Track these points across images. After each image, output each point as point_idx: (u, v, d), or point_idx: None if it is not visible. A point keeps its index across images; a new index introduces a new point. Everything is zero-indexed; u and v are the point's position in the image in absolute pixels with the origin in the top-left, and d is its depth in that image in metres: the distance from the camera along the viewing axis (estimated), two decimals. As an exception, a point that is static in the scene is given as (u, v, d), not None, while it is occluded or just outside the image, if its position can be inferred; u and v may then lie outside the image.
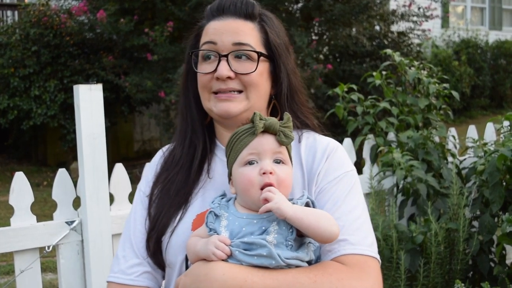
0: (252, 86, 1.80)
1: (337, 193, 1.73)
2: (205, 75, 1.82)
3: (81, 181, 2.93)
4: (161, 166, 1.95)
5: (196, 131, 1.92)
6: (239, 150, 1.62)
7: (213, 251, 1.53)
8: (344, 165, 1.81)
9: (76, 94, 2.89)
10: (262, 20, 1.87)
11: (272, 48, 1.86)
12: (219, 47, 1.80)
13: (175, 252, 1.77)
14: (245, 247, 1.53)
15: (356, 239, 1.66)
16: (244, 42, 1.80)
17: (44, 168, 12.91)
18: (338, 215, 1.68)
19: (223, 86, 1.79)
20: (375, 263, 1.67)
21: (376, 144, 3.99)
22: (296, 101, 1.93)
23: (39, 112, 11.62)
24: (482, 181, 3.47)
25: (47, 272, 6.14)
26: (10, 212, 2.78)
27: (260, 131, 1.60)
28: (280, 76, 1.88)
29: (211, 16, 1.87)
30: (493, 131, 4.13)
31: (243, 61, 1.80)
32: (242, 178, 1.60)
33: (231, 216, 1.60)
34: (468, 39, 17.52)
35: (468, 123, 13.42)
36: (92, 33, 12.03)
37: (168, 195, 1.85)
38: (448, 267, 3.44)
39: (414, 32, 12.64)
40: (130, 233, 1.89)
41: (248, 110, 1.80)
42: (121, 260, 1.87)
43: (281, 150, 1.62)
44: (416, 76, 4.11)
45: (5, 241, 2.71)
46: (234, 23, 1.82)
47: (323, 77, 10.68)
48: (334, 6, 10.92)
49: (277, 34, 1.89)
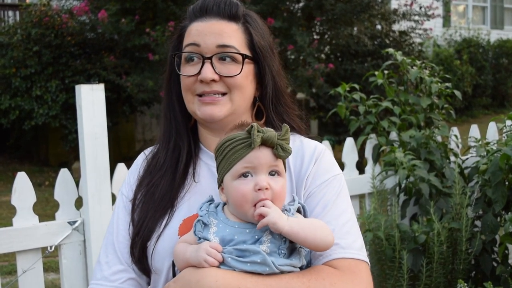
0: (236, 89, 1.77)
1: (326, 197, 1.73)
2: (189, 78, 1.78)
3: (83, 181, 2.93)
4: (144, 170, 1.90)
5: (180, 133, 1.88)
6: (233, 161, 1.55)
7: (204, 258, 1.50)
8: (332, 168, 1.80)
9: (78, 94, 2.89)
10: (246, 21, 1.83)
11: (257, 50, 1.82)
12: (203, 49, 1.76)
13: (162, 257, 1.72)
14: (238, 254, 1.50)
15: (347, 243, 1.66)
16: (228, 44, 1.76)
17: (45, 168, 12.92)
18: (328, 219, 1.68)
19: (207, 89, 1.75)
20: (366, 266, 1.68)
21: (378, 144, 3.98)
22: (281, 103, 1.89)
23: (41, 112, 11.62)
24: (485, 180, 3.46)
25: (49, 272, 6.14)
26: (12, 212, 2.79)
27: (258, 145, 1.53)
28: (265, 78, 1.84)
29: (193, 16, 1.83)
30: (496, 130, 4.12)
31: (227, 64, 1.77)
32: (236, 193, 1.54)
33: (221, 224, 1.56)
34: (469, 38, 17.52)
35: (470, 122, 13.41)
36: (93, 33, 12.04)
37: (152, 200, 1.80)
38: (451, 267, 3.43)
39: (415, 31, 12.64)
40: (113, 238, 1.84)
41: (233, 113, 1.78)
42: (104, 266, 1.81)
43: (277, 163, 1.56)
44: (418, 75, 4.10)
45: (8, 241, 2.71)
46: (217, 24, 1.78)
47: (324, 77, 10.67)
48: (336, 5, 10.92)
49: (262, 35, 1.85)
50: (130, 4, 11.14)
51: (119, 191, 1.95)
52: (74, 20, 11.81)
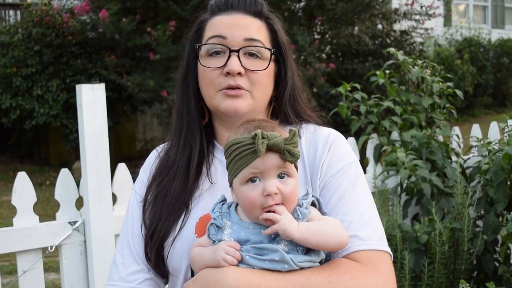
0: (259, 85, 1.75)
1: (342, 187, 1.68)
2: (213, 71, 1.74)
3: (83, 181, 2.92)
4: (156, 168, 1.87)
5: (192, 130, 1.83)
6: (240, 167, 1.51)
7: (223, 257, 1.47)
8: (347, 155, 1.76)
9: (79, 94, 2.89)
10: (269, 19, 1.83)
11: (281, 47, 1.82)
12: (229, 41, 1.73)
13: (180, 257, 1.70)
14: (256, 252, 1.48)
15: (366, 234, 1.62)
16: (256, 38, 1.75)
17: (46, 168, 12.92)
18: (345, 210, 1.64)
19: (232, 82, 1.72)
20: (387, 257, 1.64)
21: (380, 144, 3.98)
22: (298, 101, 1.88)
23: (42, 111, 11.62)
24: (487, 180, 3.45)
25: (49, 272, 6.13)
26: (13, 212, 2.78)
27: (263, 154, 1.48)
28: (287, 75, 1.84)
29: (217, 10, 1.80)
30: (497, 130, 4.11)
31: (254, 59, 1.74)
32: (244, 198, 1.51)
33: (235, 225, 1.53)
34: (470, 38, 17.50)
35: (471, 122, 13.41)
36: (94, 32, 12.03)
37: (165, 202, 1.77)
38: (453, 267, 3.42)
39: (416, 30, 12.63)
40: (129, 238, 1.81)
41: (253, 109, 1.75)
42: (121, 267, 1.79)
43: (286, 165, 1.51)
44: (419, 75, 4.09)
45: (8, 241, 2.70)
46: (244, 18, 1.77)
47: (325, 76, 10.67)
48: (337, 5, 10.91)
49: (284, 33, 1.86)
50: (131, 3, 11.14)
51: (133, 189, 1.91)
52: (75, 20, 11.81)
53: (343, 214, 1.63)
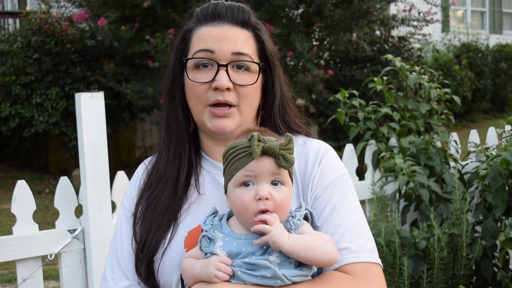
0: (247, 99, 1.74)
1: (334, 199, 1.69)
2: (201, 85, 1.72)
3: (83, 189, 2.93)
4: (145, 182, 1.85)
5: (181, 141, 1.81)
6: (235, 169, 1.52)
7: (214, 274, 1.46)
8: (337, 168, 1.77)
9: (78, 102, 2.90)
10: (257, 29, 1.81)
11: (269, 58, 1.81)
12: (217, 55, 1.71)
13: (170, 272, 1.69)
14: (247, 267, 1.47)
15: (357, 246, 1.63)
16: (244, 52, 1.73)
17: (46, 176, 12.91)
18: (337, 222, 1.65)
19: (221, 98, 1.70)
20: (378, 268, 1.65)
21: (378, 150, 3.99)
22: (287, 111, 1.87)
23: (41, 119, 11.62)
24: (485, 185, 3.46)
25: (49, 280, 6.12)
26: (12, 220, 2.79)
27: (257, 156, 1.49)
28: (274, 86, 1.82)
29: (203, 20, 1.77)
30: (495, 135, 4.12)
31: (242, 73, 1.73)
32: (237, 201, 1.52)
33: (227, 237, 1.53)
34: (468, 43, 17.52)
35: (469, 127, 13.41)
36: (93, 40, 12.04)
37: (154, 214, 1.75)
38: (452, 273, 3.42)
39: (414, 36, 12.64)
40: (118, 254, 1.80)
41: (241, 124, 1.74)
42: (110, 282, 1.78)
43: (280, 172, 1.52)
44: (417, 81, 4.11)
45: (7, 249, 2.71)
46: (231, 30, 1.74)
47: (324, 83, 10.67)
48: (335, 11, 10.93)
49: (271, 43, 1.84)
50: (129, 11, 11.15)
51: (121, 204, 1.90)
52: (74, 28, 11.82)
53: (334, 226, 1.64)
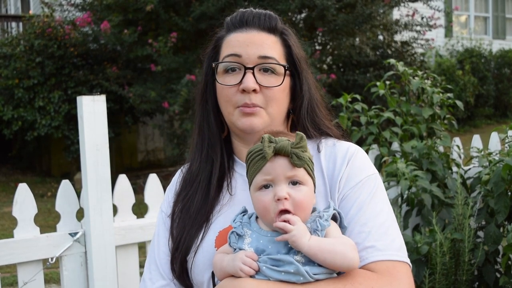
0: (274, 101, 1.78)
1: (361, 198, 1.70)
2: (229, 88, 1.79)
3: (84, 192, 2.92)
4: (181, 184, 1.93)
5: (213, 145, 1.88)
6: (253, 174, 1.57)
7: (240, 267, 1.50)
8: (366, 168, 1.77)
9: (80, 105, 2.90)
10: (284, 34, 1.87)
11: (296, 62, 1.86)
12: (244, 59, 1.78)
13: (201, 270, 1.75)
14: (272, 263, 1.50)
15: (384, 244, 1.62)
16: (270, 56, 1.79)
17: (48, 179, 12.93)
18: (364, 221, 1.65)
19: (248, 101, 1.75)
20: (405, 267, 1.63)
21: (380, 154, 3.98)
22: (317, 114, 1.91)
23: (43, 123, 11.65)
24: (487, 191, 3.45)
25: (50, 284, 6.12)
26: (14, 223, 2.78)
27: (270, 157, 1.53)
28: (303, 89, 1.87)
29: (232, 27, 1.85)
30: (498, 140, 4.11)
31: (268, 75, 1.78)
32: (258, 204, 1.56)
33: (255, 234, 1.57)
34: (471, 48, 17.53)
35: (472, 132, 13.41)
36: (96, 44, 12.08)
37: (188, 215, 1.83)
38: (454, 278, 3.41)
39: (417, 41, 12.66)
40: (155, 255, 1.88)
41: (270, 125, 1.79)
42: (148, 282, 1.86)
43: (296, 172, 1.55)
44: (420, 86, 4.10)
45: (9, 252, 2.71)
46: (258, 35, 1.81)
47: (326, 87, 10.68)
48: (338, 16, 10.94)
49: (299, 48, 1.90)
50: (132, 15, 11.18)
51: (160, 208, 1.98)
52: (77, 31, 11.87)
53: (361, 225, 1.64)
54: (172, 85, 10.45)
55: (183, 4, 10.96)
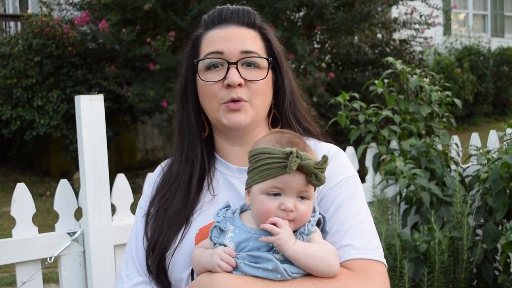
0: (259, 95, 1.79)
1: (340, 198, 1.71)
2: (214, 84, 1.78)
3: (82, 192, 2.92)
4: (158, 184, 1.91)
5: (193, 145, 1.87)
6: (265, 177, 1.54)
7: (218, 263, 1.51)
8: (346, 170, 1.79)
9: (78, 105, 2.89)
10: (263, 28, 1.88)
11: (276, 55, 1.87)
12: (227, 55, 1.77)
13: (181, 268, 1.73)
14: (250, 260, 1.51)
15: (360, 243, 1.64)
16: (252, 50, 1.79)
17: (47, 178, 12.92)
18: (342, 220, 1.67)
19: (234, 95, 1.75)
20: (381, 267, 1.65)
21: (379, 153, 3.98)
22: (298, 108, 1.92)
23: (42, 122, 11.64)
24: (486, 189, 3.45)
25: (49, 283, 6.12)
26: (13, 223, 2.78)
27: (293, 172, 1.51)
28: (284, 83, 1.88)
29: (211, 24, 1.85)
30: (496, 138, 4.11)
31: (252, 69, 1.79)
32: (261, 206, 1.55)
33: (238, 229, 1.57)
34: (470, 46, 17.52)
35: (471, 130, 13.41)
36: (94, 43, 12.07)
37: (166, 216, 1.80)
38: (452, 276, 3.42)
39: (416, 39, 12.64)
40: (133, 251, 1.86)
41: (254, 120, 1.80)
42: (125, 279, 1.83)
43: (308, 189, 1.55)
44: (418, 84, 4.10)
45: (7, 252, 2.70)
46: (238, 30, 1.81)
47: (325, 85, 10.68)
48: (336, 14, 10.94)
49: (277, 43, 1.91)
50: (131, 14, 11.17)
51: (138, 204, 1.96)
52: (75, 31, 11.85)
53: (339, 224, 1.66)
54: (171, 84, 10.44)
55: (181, 3, 10.96)
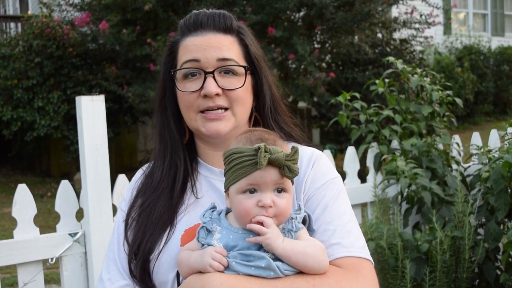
0: (238, 102, 1.78)
1: (326, 199, 1.73)
2: (190, 94, 1.77)
3: (83, 193, 2.92)
4: (139, 189, 1.89)
5: (176, 151, 1.86)
6: (239, 176, 1.53)
7: (209, 263, 1.50)
8: (330, 172, 1.81)
9: (78, 106, 2.89)
10: (240, 33, 1.85)
11: (254, 61, 1.84)
12: (203, 64, 1.76)
13: (166, 270, 1.71)
14: (242, 258, 1.50)
15: (349, 241, 1.67)
16: (228, 57, 1.77)
17: (48, 179, 12.92)
18: (329, 219, 1.69)
19: (211, 104, 1.75)
20: (369, 265, 1.68)
21: (380, 152, 3.97)
22: (279, 112, 1.92)
23: (43, 123, 11.63)
24: (487, 188, 3.45)
25: (51, 284, 6.12)
26: (14, 224, 2.78)
27: (264, 167, 1.50)
28: (263, 88, 1.86)
29: (187, 31, 1.83)
30: (497, 137, 4.11)
31: (229, 77, 1.77)
32: (239, 206, 1.54)
33: (225, 230, 1.56)
34: (470, 46, 17.53)
35: (472, 129, 13.41)
36: (94, 44, 12.07)
37: (149, 220, 1.78)
38: (454, 275, 3.41)
39: (416, 39, 12.65)
40: (115, 254, 1.83)
41: (236, 127, 1.79)
42: (107, 283, 1.80)
43: (283, 181, 1.55)
44: (419, 83, 4.10)
45: (8, 253, 2.70)
46: (214, 38, 1.78)
47: (325, 85, 10.68)
48: (336, 14, 10.93)
49: (256, 46, 1.88)
50: (131, 15, 11.17)
51: (119, 207, 1.94)
52: (76, 31, 11.85)
53: (326, 223, 1.68)
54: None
55: (181, 4, 10.96)
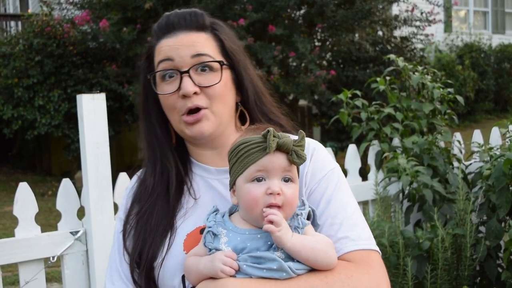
0: (217, 99, 1.76)
1: (328, 191, 1.72)
2: (170, 96, 1.76)
3: (85, 191, 2.92)
4: (134, 195, 1.87)
5: (165, 156, 1.84)
6: (247, 164, 1.54)
7: (221, 268, 1.47)
8: (328, 162, 1.80)
9: (79, 104, 2.89)
10: (214, 29, 1.83)
11: (230, 55, 1.82)
12: (177, 63, 1.74)
13: (171, 275, 1.69)
14: (253, 261, 1.49)
15: (356, 234, 1.67)
16: (203, 53, 1.75)
17: (49, 178, 12.92)
18: (334, 213, 1.68)
19: (190, 104, 1.73)
20: (377, 255, 1.68)
21: (381, 150, 3.97)
22: (264, 103, 1.90)
23: (43, 122, 11.62)
24: (489, 186, 3.44)
25: (52, 282, 6.13)
26: (15, 222, 2.78)
27: (273, 150, 1.51)
28: (244, 82, 1.84)
29: (160, 34, 1.81)
30: (499, 135, 4.11)
31: (206, 74, 1.75)
32: (248, 195, 1.53)
33: (231, 233, 1.54)
34: (471, 43, 17.51)
35: (472, 127, 13.39)
36: (95, 42, 12.05)
37: (148, 227, 1.76)
38: (456, 273, 3.41)
39: (417, 37, 12.62)
40: (117, 264, 1.81)
41: (219, 124, 1.78)
42: None
43: (291, 169, 1.55)
44: (420, 81, 4.09)
45: (10, 252, 2.70)
46: (187, 37, 1.76)
47: (326, 83, 10.66)
48: (337, 12, 10.92)
49: (232, 40, 1.86)
50: (131, 13, 11.16)
51: (117, 216, 1.92)
52: (76, 30, 11.83)
53: (332, 217, 1.67)
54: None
55: (181, 2, 10.94)
